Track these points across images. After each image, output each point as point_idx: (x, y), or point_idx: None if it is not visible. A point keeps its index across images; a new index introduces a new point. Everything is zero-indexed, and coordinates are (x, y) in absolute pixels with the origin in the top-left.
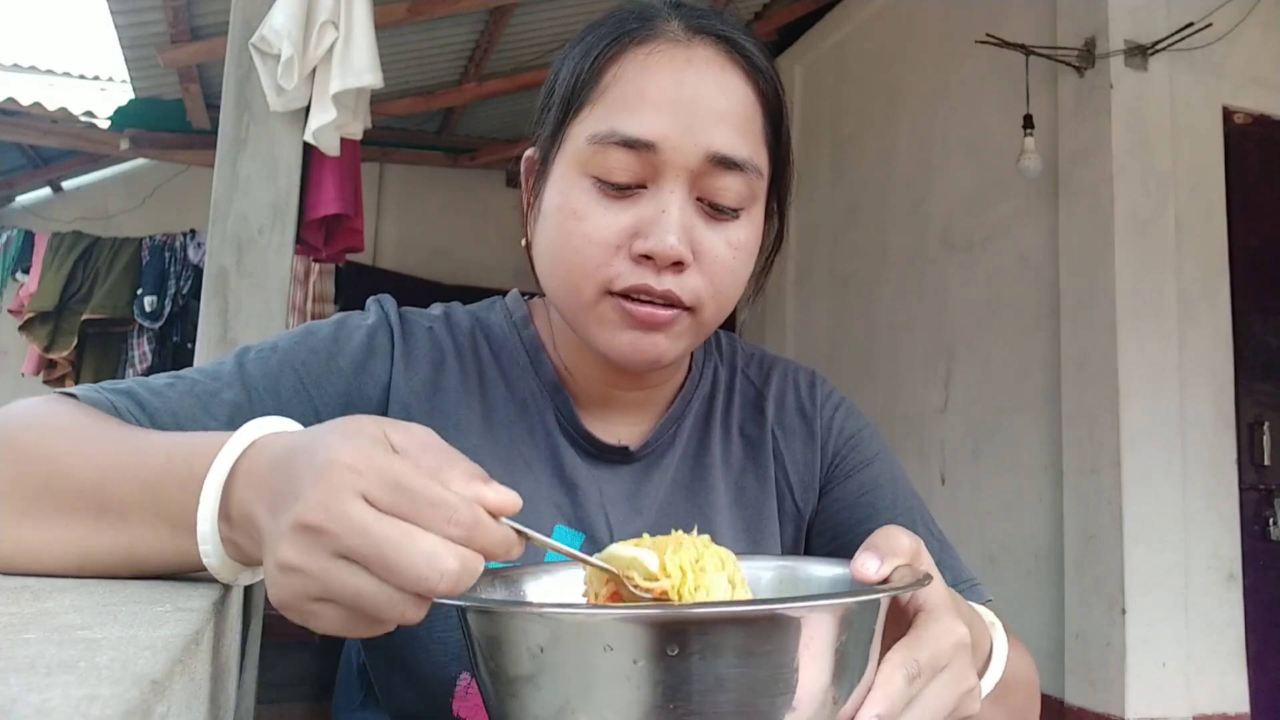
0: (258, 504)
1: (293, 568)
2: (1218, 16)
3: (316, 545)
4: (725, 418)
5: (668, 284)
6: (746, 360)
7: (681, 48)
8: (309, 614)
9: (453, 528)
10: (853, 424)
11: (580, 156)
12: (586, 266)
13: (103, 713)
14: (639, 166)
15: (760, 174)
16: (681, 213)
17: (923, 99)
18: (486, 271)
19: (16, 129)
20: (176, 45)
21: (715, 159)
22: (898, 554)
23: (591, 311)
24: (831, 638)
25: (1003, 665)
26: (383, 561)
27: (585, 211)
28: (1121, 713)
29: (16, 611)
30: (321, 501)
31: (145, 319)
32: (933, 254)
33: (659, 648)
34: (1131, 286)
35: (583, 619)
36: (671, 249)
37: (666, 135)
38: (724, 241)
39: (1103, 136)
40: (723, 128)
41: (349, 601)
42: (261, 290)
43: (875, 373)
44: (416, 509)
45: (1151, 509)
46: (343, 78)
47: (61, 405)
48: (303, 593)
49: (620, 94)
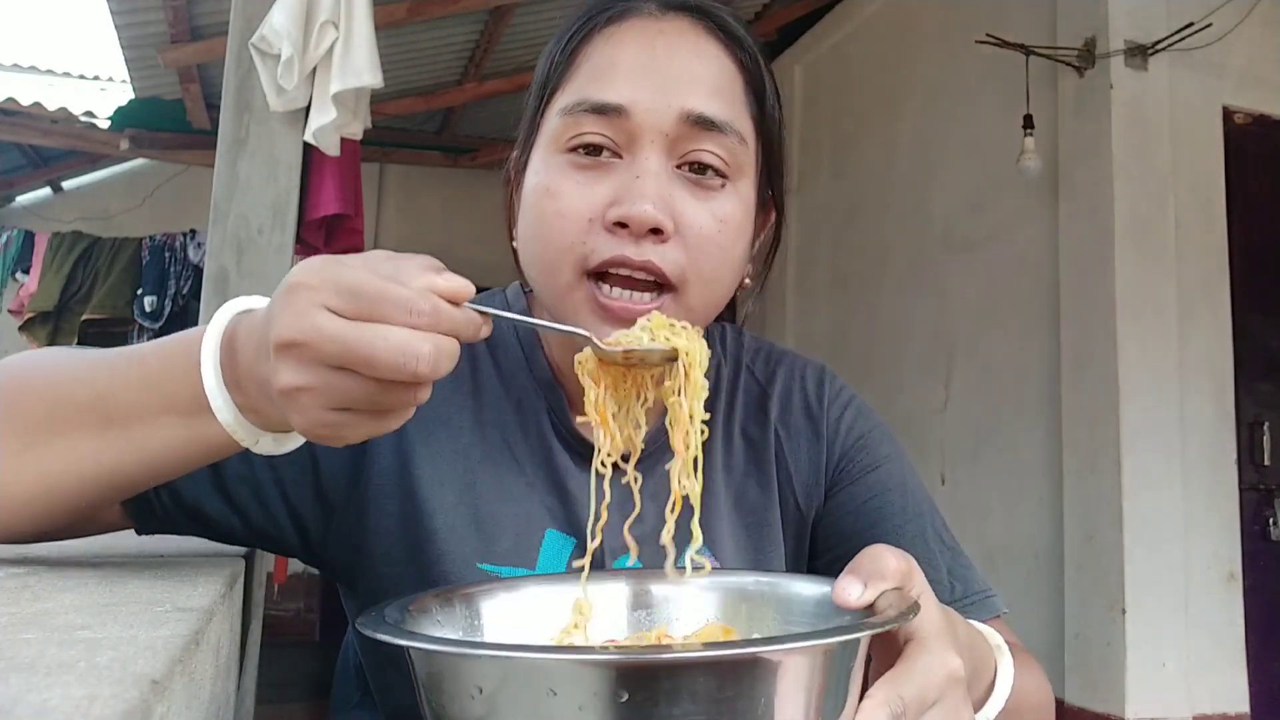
0: (250, 357)
1: (292, 388)
2: (1218, 16)
3: (300, 360)
4: (727, 418)
5: (647, 253)
6: (753, 355)
7: (653, 20)
8: (334, 428)
9: (415, 318)
10: (862, 424)
11: (554, 133)
12: (561, 243)
13: (103, 713)
14: (612, 133)
15: (743, 140)
16: (658, 179)
17: (923, 99)
18: (486, 271)
19: (16, 129)
20: (176, 45)
21: (691, 118)
22: (884, 577)
23: (568, 298)
24: (802, 681)
25: (1007, 693)
26: (365, 361)
27: (559, 188)
28: (1121, 713)
29: (16, 611)
30: (291, 321)
31: (145, 319)
32: (933, 254)
33: (609, 693)
34: (1131, 286)
35: (527, 661)
36: (646, 213)
37: (637, 98)
38: (708, 213)
39: (1103, 136)
40: (698, 89)
41: (353, 404)
42: (261, 290)
43: (875, 373)
44: (377, 308)
45: (1151, 509)
46: (343, 78)
47: (51, 350)
48: (313, 408)
49: (591, 68)
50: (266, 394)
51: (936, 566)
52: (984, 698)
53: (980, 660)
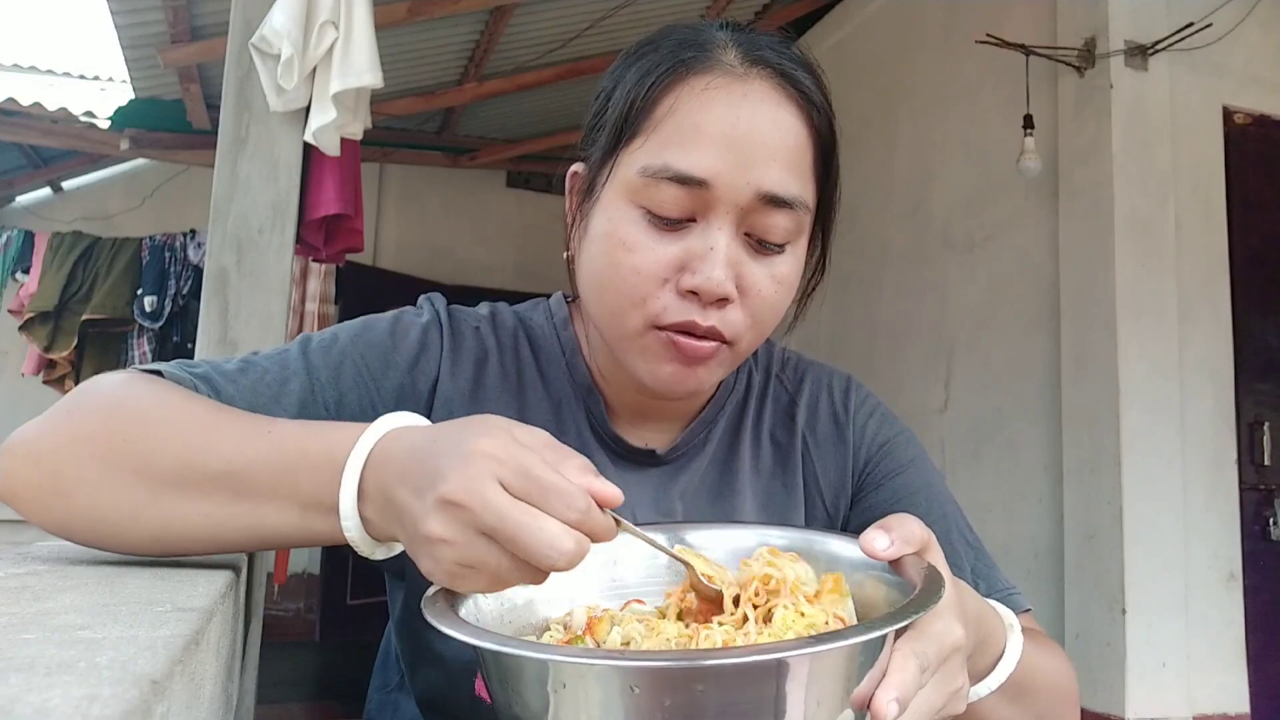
0: (398, 485)
1: (438, 539)
2: (1218, 16)
3: (458, 520)
4: (756, 423)
5: (712, 320)
6: (781, 365)
7: (738, 81)
8: (454, 578)
9: (570, 513)
10: (887, 430)
11: (631, 186)
12: (634, 298)
13: (103, 713)
14: (690, 202)
15: (808, 209)
16: (729, 249)
17: (923, 99)
18: (487, 272)
19: (16, 129)
20: (176, 45)
21: (766, 198)
22: (909, 541)
23: (636, 342)
24: (855, 664)
25: (1012, 666)
26: (513, 540)
27: (634, 243)
28: (1121, 713)
29: (16, 611)
30: (463, 483)
31: (145, 319)
32: (933, 254)
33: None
34: (1131, 287)
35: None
36: (719, 286)
37: (719, 172)
38: (768, 276)
39: (1103, 136)
40: (775, 166)
41: (482, 567)
42: (261, 290)
43: (875, 373)
44: (543, 496)
45: (1151, 509)
46: (343, 78)
47: (168, 388)
48: (447, 560)
49: (675, 126)
50: (399, 523)
51: (961, 566)
52: (990, 669)
53: (989, 633)
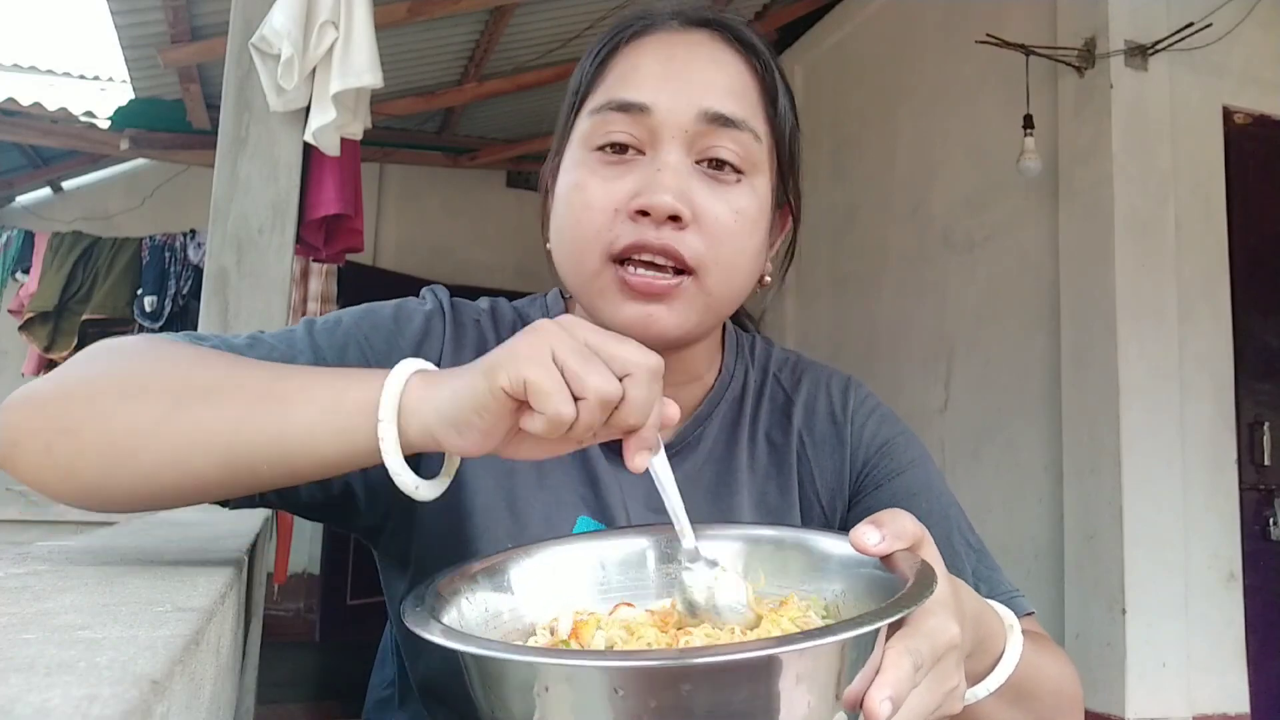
0: (451, 376)
1: (524, 356)
2: (1218, 16)
3: (542, 335)
4: (753, 422)
5: (666, 238)
6: (780, 364)
7: (676, 33)
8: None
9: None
10: (886, 431)
11: (583, 134)
12: (589, 233)
13: (103, 713)
14: (636, 131)
15: (758, 138)
16: (677, 172)
17: (923, 99)
18: (487, 271)
19: (16, 129)
20: (176, 45)
21: (709, 116)
22: (901, 537)
23: (595, 282)
24: (845, 662)
25: (1011, 667)
26: (599, 346)
27: (587, 182)
28: (1121, 713)
29: (16, 611)
30: (534, 340)
31: (145, 319)
32: (933, 254)
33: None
34: (1131, 286)
35: (591, 667)
36: (665, 201)
37: (659, 98)
38: (725, 204)
39: (1103, 136)
40: (716, 90)
41: (555, 388)
42: (261, 290)
43: (875, 373)
44: (607, 349)
45: (1151, 509)
46: (343, 78)
47: (187, 344)
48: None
49: (617, 74)
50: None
51: (962, 569)
52: (989, 671)
53: (988, 634)
